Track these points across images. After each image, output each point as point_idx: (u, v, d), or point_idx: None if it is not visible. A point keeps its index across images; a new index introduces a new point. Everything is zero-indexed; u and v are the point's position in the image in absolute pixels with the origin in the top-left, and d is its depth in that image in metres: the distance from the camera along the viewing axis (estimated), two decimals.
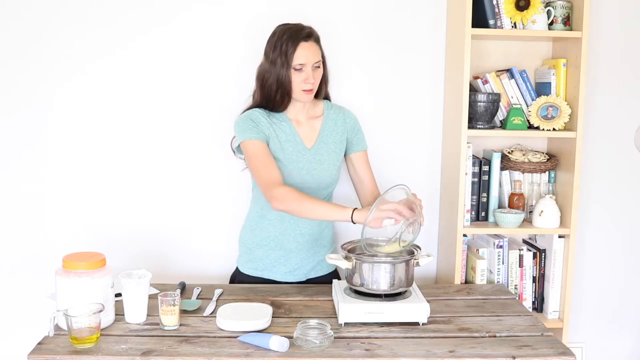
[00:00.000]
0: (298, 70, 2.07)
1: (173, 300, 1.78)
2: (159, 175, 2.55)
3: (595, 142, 2.66)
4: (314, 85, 2.10)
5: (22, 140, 2.51)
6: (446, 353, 1.66)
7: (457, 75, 2.38)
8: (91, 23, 2.45)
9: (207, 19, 2.48)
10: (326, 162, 2.20)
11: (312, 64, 2.08)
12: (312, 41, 2.09)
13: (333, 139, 2.22)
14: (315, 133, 2.21)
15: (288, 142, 2.17)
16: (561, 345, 1.74)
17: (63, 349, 1.64)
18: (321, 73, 2.14)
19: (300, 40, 2.05)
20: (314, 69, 2.09)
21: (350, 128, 2.25)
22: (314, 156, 2.18)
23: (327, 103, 2.27)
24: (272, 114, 2.18)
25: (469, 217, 2.45)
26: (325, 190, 2.23)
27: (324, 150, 2.20)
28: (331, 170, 2.21)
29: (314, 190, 2.18)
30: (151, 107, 2.52)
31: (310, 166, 2.18)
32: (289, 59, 2.05)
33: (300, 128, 2.20)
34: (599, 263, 2.74)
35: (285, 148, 2.16)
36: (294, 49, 2.05)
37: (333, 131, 2.22)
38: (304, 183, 2.17)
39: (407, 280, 1.91)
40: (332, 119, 2.23)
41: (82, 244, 2.38)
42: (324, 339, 1.68)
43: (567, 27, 2.40)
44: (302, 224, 2.19)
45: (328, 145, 2.21)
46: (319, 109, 2.24)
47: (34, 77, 2.47)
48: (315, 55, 2.08)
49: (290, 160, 2.16)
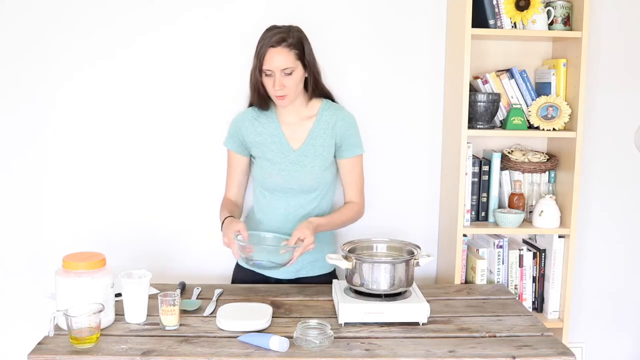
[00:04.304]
0: (268, 75, 2.08)
1: (173, 300, 1.78)
2: (160, 175, 2.55)
3: (595, 142, 2.66)
4: (284, 92, 2.08)
5: (23, 140, 2.51)
6: (446, 353, 1.66)
7: (457, 75, 2.38)
8: (91, 24, 2.45)
9: (208, 19, 2.48)
10: (310, 164, 2.17)
11: (280, 70, 2.05)
12: (284, 47, 2.05)
13: (321, 142, 2.19)
14: (305, 134, 2.19)
15: (273, 143, 2.19)
16: (561, 345, 1.74)
17: (63, 349, 1.65)
18: (295, 79, 2.08)
19: (268, 46, 2.04)
20: (284, 76, 2.06)
21: (340, 133, 2.20)
22: (298, 158, 2.18)
23: (326, 103, 2.24)
24: (262, 113, 2.22)
25: (469, 217, 2.45)
26: (308, 195, 2.20)
27: (310, 152, 2.18)
28: (316, 173, 2.18)
29: (297, 193, 2.19)
30: (151, 108, 2.52)
31: (293, 168, 2.17)
32: (260, 63, 2.07)
33: (289, 129, 2.20)
34: (599, 263, 2.74)
35: (271, 149, 2.19)
36: (263, 54, 2.05)
37: (323, 133, 2.19)
38: (285, 184, 2.18)
39: (407, 280, 1.91)
40: (325, 120, 2.20)
41: (82, 244, 2.37)
42: (324, 339, 1.68)
43: (567, 27, 2.40)
44: (288, 225, 2.20)
45: (316, 147, 2.18)
46: (313, 109, 2.22)
47: (34, 77, 2.47)
48: (284, 61, 2.05)
49: (274, 161, 2.18)
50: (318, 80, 2.19)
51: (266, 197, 2.24)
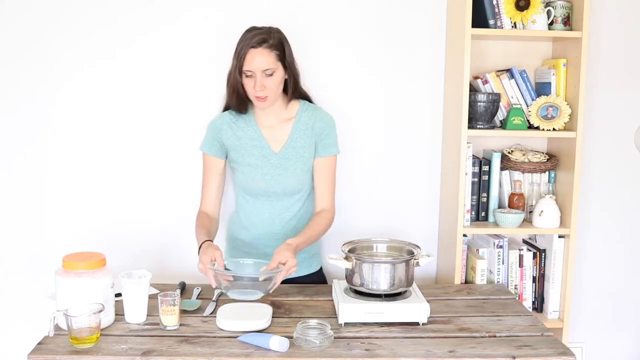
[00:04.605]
0: (248, 76, 2.06)
1: (173, 300, 1.78)
2: (160, 175, 2.55)
3: (595, 142, 2.65)
4: (265, 93, 2.06)
5: (23, 140, 2.51)
6: (446, 353, 1.66)
7: (457, 75, 2.38)
8: (91, 24, 2.45)
9: (208, 19, 2.48)
10: (292, 167, 2.16)
11: (261, 71, 2.03)
12: (265, 48, 2.03)
13: (302, 143, 2.17)
14: (285, 136, 2.18)
15: (254, 147, 2.17)
16: (561, 345, 1.74)
17: (63, 349, 1.64)
18: (276, 80, 2.06)
19: (249, 46, 2.03)
20: (265, 77, 2.04)
21: (318, 131, 2.18)
22: (280, 161, 2.16)
23: (304, 104, 2.21)
24: (240, 116, 2.19)
25: (469, 217, 2.45)
26: (292, 197, 2.20)
27: (292, 155, 2.17)
28: (299, 175, 2.17)
29: (280, 196, 2.18)
30: (152, 107, 2.52)
31: (276, 171, 2.16)
32: (241, 64, 2.04)
33: (268, 131, 2.18)
34: (599, 263, 2.74)
35: (252, 153, 2.17)
36: (244, 54, 2.03)
37: (303, 135, 2.17)
38: (268, 188, 2.17)
39: (407, 280, 1.91)
40: (304, 121, 2.18)
41: (82, 244, 2.37)
42: (324, 339, 1.68)
43: (567, 27, 2.40)
44: (274, 228, 2.20)
45: (297, 149, 2.17)
46: (292, 111, 2.20)
47: (34, 77, 2.47)
48: (264, 62, 2.03)
49: (255, 165, 2.16)
50: (297, 81, 2.17)
51: (249, 202, 2.23)
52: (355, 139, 2.58)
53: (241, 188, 2.23)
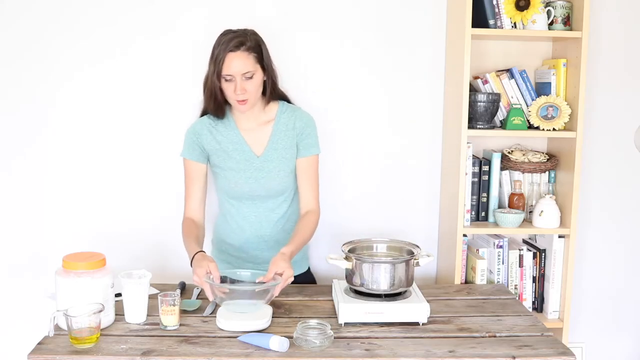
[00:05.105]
0: (228, 80, 2.03)
1: (173, 300, 1.78)
2: (159, 175, 2.55)
3: (595, 142, 2.66)
4: (246, 96, 2.04)
5: (23, 140, 2.51)
6: (446, 353, 1.66)
7: (457, 75, 2.38)
8: (91, 24, 2.45)
9: (208, 19, 2.48)
10: (275, 169, 2.15)
11: (241, 74, 2.01)
12: (243, 51, 2.00)
13: (283, 145, 2.16)
14: (266, 139, 2.16)
15: (235, 150, 2.16)
16: (561, 345, 1.74)
17: (63, 349, 1.64)
18: (256, 83, 2.04)
19: (227, 50, 2.00)
20: (245, 80, 2.02)
21: (299, 132, 2.16)
22: (262, 163, 2.15)
23: (283, 105, 2.20)
24: (219, 121, 2.17)
25: (469, 217, 2.45)
26: (277, 198, 2.19)
27: (274, 157, 2.15)
28: (282, 177, 2.16)
29: (265, 199, 2.17)
30: (152, 107, 2.52)
31: (259, 174, 2.15)
32: (218, 68, 2.02)
33: (249, 135, 2.16)
34: (599, 263, 2.74)
35: (233, 157, 2.15)
36: (222, 58, 2.00)
37: (284, 136, 2.16)
38: (252, 192, 2.16)
39: (407, 280, 1.91)
40: (284, 122, 2.17)
41: (82, 244, 2.37)
42: (324, 339, 1.68)
43: (567, 27, 2.40)
44: (263, 231, 2.19)
45: (278, 151, 2.16)
46: (271, 113, 2.18)
47: (34, 77, 2.47)
48: (243, 65, 2.00)
49: (238, 169, 2.15)
50: (275, 82, 2.14)
51: (234, 207, 2.21)
52: (355, 139, 2.58)
53: (224, 193, 2.21)
